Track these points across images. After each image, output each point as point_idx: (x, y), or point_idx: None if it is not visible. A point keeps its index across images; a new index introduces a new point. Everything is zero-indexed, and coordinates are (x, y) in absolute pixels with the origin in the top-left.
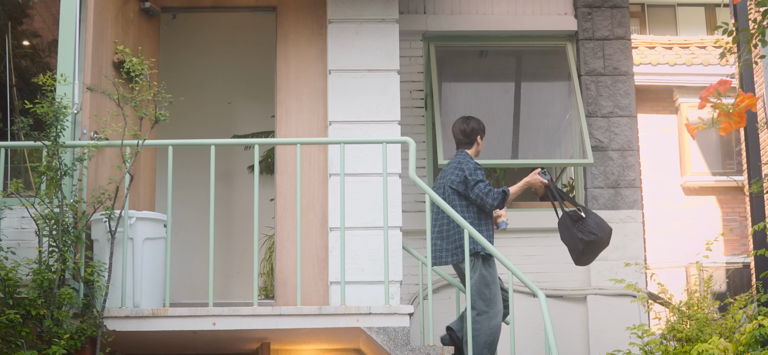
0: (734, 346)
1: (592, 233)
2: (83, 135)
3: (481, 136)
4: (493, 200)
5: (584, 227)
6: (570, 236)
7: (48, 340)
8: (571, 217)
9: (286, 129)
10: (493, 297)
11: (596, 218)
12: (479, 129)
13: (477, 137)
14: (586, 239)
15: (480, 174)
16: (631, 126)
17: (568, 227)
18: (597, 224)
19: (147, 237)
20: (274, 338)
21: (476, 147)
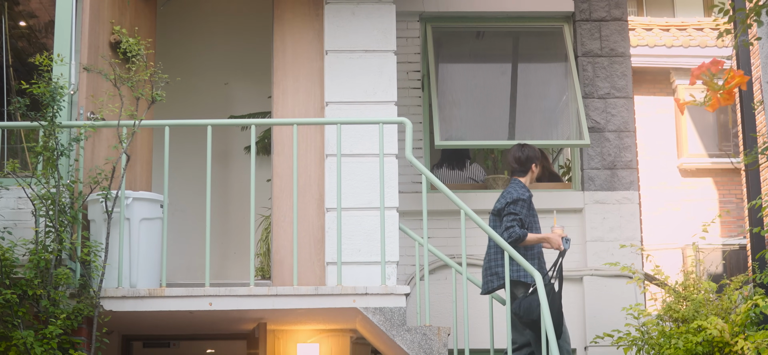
0: (730, 327)
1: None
2: (80, 115)
3: (535, 163)
4: (509, 235)
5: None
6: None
7: (44, 320)
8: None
9: (282, 110)
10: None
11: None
12: (534, 157)
13: (532, 165)
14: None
15: (515, 208)
16: (628, 107)
17: (557, 301)
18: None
19: (143, 217)
20: (271, 318)
21: (531, 175)
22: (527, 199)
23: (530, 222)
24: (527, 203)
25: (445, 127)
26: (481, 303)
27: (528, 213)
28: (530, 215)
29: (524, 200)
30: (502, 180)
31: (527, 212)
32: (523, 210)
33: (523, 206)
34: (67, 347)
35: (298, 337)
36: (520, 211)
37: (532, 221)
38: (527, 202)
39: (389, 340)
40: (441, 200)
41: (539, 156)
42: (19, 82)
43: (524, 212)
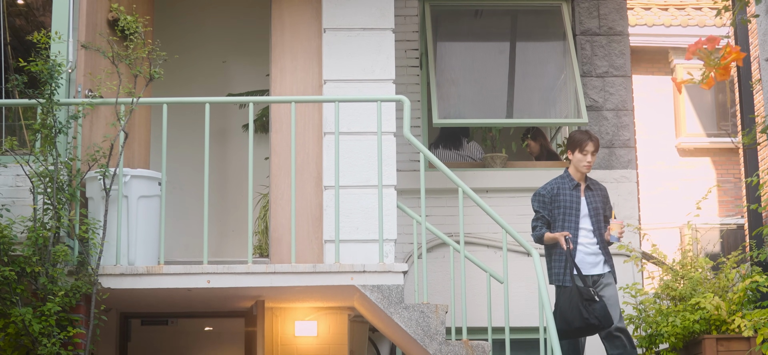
0: (727, 305)
1: (597, 318)
2: (78, 93)
3: (572, 149)
4: (532, 231)
5: (593, 310)
6: (571, 308)
7: (43, 297)
8: (582, 293)
9: (280, 88)
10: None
11: (604, 307)
12: (571, 143)
13: (568, 151)
14: (591, 321)
15: (534, 204)
16: (626, 86)
17: (575, 298)
18: (604, 314)
19: (142, 195)
20: (269, 295)
21: (571, 161)
22: (547, 193)
23: (555, 216)
24: (548, 198)
25: (444, 105)
26: (479, 281)
27: (550, 206)
28: (554, 207)
29: (542, 195)
30: (499, 158)
31: (550, 206)
32: (541, 208)
33: (540, 203)
34: (66, 324)
35: (296, 315)
36: (538, 208)
37: (557, 214)
38: (548, 196)
39: (387, 317)
40: (439, 178)
41: (577, 142)
42: (17, 59)
43: (539, 206)
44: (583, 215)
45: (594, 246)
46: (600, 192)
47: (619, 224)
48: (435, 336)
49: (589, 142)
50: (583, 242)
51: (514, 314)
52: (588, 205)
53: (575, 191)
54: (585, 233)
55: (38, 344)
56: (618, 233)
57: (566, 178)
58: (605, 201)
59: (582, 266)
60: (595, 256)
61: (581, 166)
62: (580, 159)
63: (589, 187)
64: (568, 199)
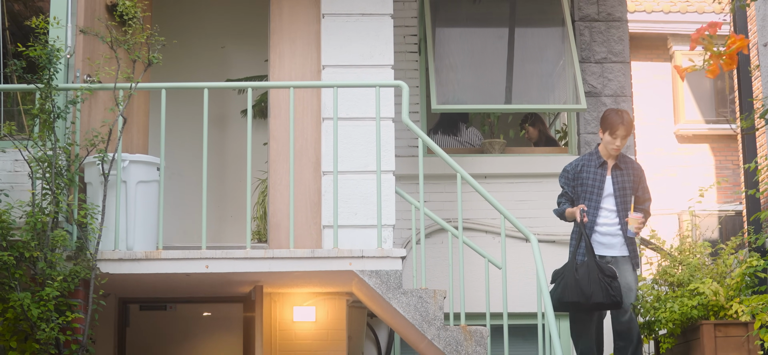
0: (725, 290)
1: (620, 296)
2: (76, 78)
3: (603, 129)
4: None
5: (616, 287)
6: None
7: (41, 282)
8: (603, 269)
9: (279, 73)
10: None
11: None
12: (603, 122)
13: (600, 129)
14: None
15: (561, 179)
16: (625, 72)
17: (595, 272)
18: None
19: (140, 180)
20: (267, 281)
21: (602, 140)
22: (572, 169)
23: (578, 194)
24: (571, 174)
25: (442, 91)
26: (478, 267)
27: (573, 183)
28: (578, 184)
29: (567, 171)
30: (498, 144)
31: (573, 183)
32: (565, 185)
33: (564, 179)
34: (64, 309)
35: (294, 300)
36: (562, 184)
37: (579, 192)
38: (572, 173)
39: (385, 303)
40: (438, 163)
41: (607, 122)
42: (15, 44)
43: (564, 182)
44: (607, 195)
45: (613, 227)
46: (632, 172)
47: (638, 219)
48: (433, 321)
49: (621, 126)
50: (602, 221)
51: (512, 300)
52: (614, 184)
53: (601, 170)
54: (606, 213)
55: (37, 328)
56: (635, 228)
57: (594, 155)
58: (637, 182)
59: (594, 247)
60: (612, 237)
61: (610, 149)
62: (609, 142)
63: (618, 166)
64: (591, 176)
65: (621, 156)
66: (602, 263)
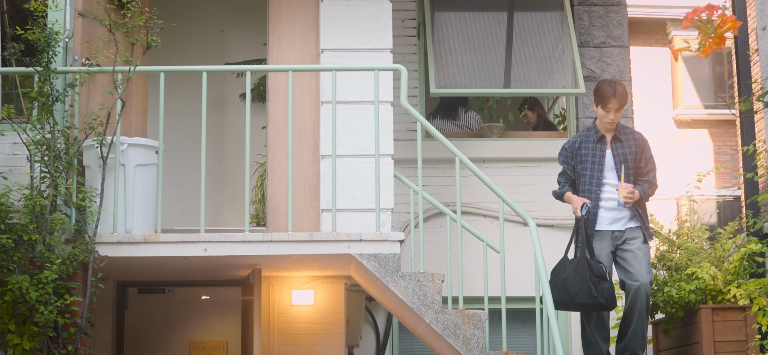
0: (723, 275)
1: (605, 298)
2: (75, 61)
3: (595, 103)
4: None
5: (603, 289)
6: (577, 281)
7: (40, 265)
8: (593, 269)
9: (278, 57)
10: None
11: (612, 288)
12: (596, 96)
13: (594, 104)
14: (599, 300)
15: (560, 158)
16: (624, 57)
17: (583, 272)
18: (611, 294)
19: (139, 163)
20: (265, 264)
21: (597, 115)
22: (569, 147)
23: (579, 171)
24: (569, 152)
25: (441, 75)
26: (476, 251)
27: (572, 161)
28: (577, 161)
29: (565, 150)
30: (497, 128)
31: (572, 161)
32: (564, 164)
33: (563, 158)
34: (63, 292)
35: (292, 283)
36: (561, 163)
37: (579, 169)
38: (570, 150)
39: (383, 286)
40: (436, 147)
41: (599, 95)
42: (13, 28)
43: (563, 161)
44: (609, 169)
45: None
46: (632, 142)
47: (627, 188)
48: (431, 305)
49: (612, 98)
50: (605, 196)
51: (510, 284)
52: (615, 157)
53: (600, 144)
54: (609, 188)
55: (35, 311)
56: (624, 197)
57: (591, 130)
58: (639, 153)
59: (600, 222)
60: (618, 211)
61: (604, 124)
62: (603, 115)
63: (617, 137)
64: (591, 153)
65: (620, 127)
66: (595, 264)
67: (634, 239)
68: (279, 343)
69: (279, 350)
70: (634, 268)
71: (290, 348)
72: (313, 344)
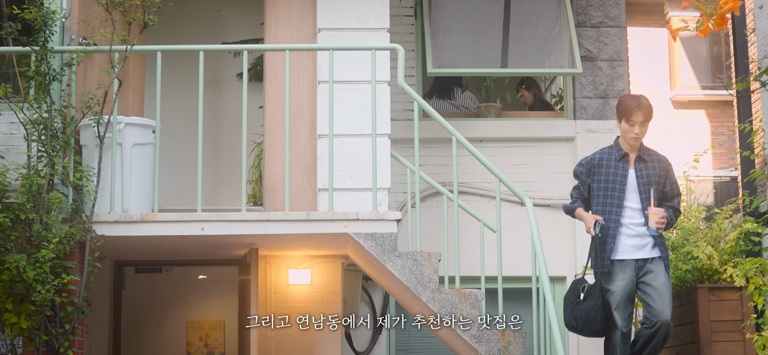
0: (719, 254)
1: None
2: (72, 40)
3: (619, 118)
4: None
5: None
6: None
7: (37, 244)
8: (576, 288)
9: (275, 36)
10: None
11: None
12: (618, 110)
13: (616, 120)
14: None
15: (575, 172)
16: (621, 36)
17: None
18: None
19: (136, 143)
20: (262, 243)
21: (620, 131)
22: (586, 163)
23: (595, 191)
24: (586, 168)
25: (438, 54)
26: (473, 231)
27: (588, 178)
28: (594, 180)
29: (581, 165)
30: (494, 108)
31: (587, 178)
32: (578, 178)
33: (577, 173)
34: (60, 271)
35: (289, 263)
36: (576, 177)
37: (596, 189)
38: (586, 166)
39: (380, 265)
40: (433, 127)
41: (622, 110)
42: (10, 7)
43: (577, 176)
44: (631, 191)
45: (641, 227)
46: (657, 164)
47: (659, 214)
48: (428, 284)
49: (637, 110)
50: (627, 221)
51: (507, 263)
52: (638, 178)
53: (622, 163)
54: (630, 212)
55: (32, 290)
56: (656, 223)
57: (613, 148)
58: (664, 176)
59: (622, 250)
60: (640, 238)
61: (628, 138)
62: (627, 130)
63: (641, 157)
64: (612, 171)
65: (644, 147)
66: (578, 280)
67: (657, 271)
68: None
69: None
70: (656, 304)
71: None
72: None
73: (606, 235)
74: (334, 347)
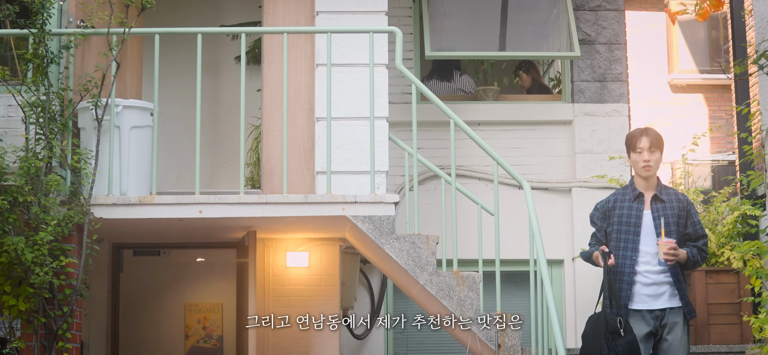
0: (717, 238)
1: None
2: (69, 23)
3: (627, 151)
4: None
5: (615, 346)
6: (595, 341)
7: (35, 226)
8: (608, 323)
9: (273, 19)
10: None
11: (632, 343)
12: (626, 144)
13: (626, 159)
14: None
15: (593, 216)
16: (619, 20)
17: (598, 329)
18: (629, 351)
19: (134, 125)
20: (260, 226)
21: (631, 165)
22: (601, 207)
23: (612, 235)
24: (601, 212)
25: (436, 37)
26: (470, 214)
27: (603, 223)
28: (610, 223)
29: (597, 209)
30: (491, 91)
31: (602, 223)
32: (597, 222)
33: (596, 218)
34: (58, 253)
35: (287, 245)
36: (593, 223)
37: (611, 232)
38: (601, 210)
39: (378, 248)
40: (431, 110)
41: (628, 142)
42: None
43: (593, 221)
44: (647, 233)
45: (657, 275)
46: (676, 204)
47: (668, 244)
48: (426, 267)
49: (642, 136)
50: (643, 268)
51: (504, 246)
52: (655, 219)
53: (636, 203)
54: (646, 256)
55: (31, 273)
56: (664, 254)
57: (628, 188)
58: (684, 216)
59: (637, 299)
60: (657, 286)
61: (639, 170)
62: (636, 160)
63: (658, 197)
64: (626, 213)
65: (662, 186)
66: (610, 315)
67: (674, 325)
68: (274, 305)
69: (274, 311)
70: None
71: (285, 310)
72: (308, 306)
73: (621, 281)
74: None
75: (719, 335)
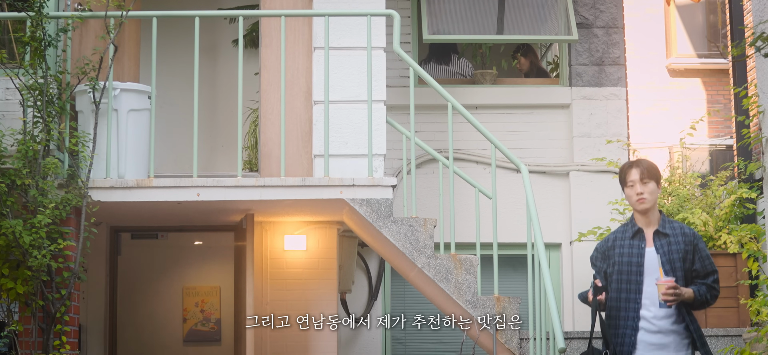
0: (714, 221)
1: None
2: (67, 6)
3: (621, 188)
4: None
5: None
6: None
7: (33, 209)
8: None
9: (270, 2)
10: None
11: None
12: (619, 179)
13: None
14: None
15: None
16: (617, 3)
17: None
18: None
19: (131, 108)
20: (258, 209)
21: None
22: (600, 247)
23: (610, 275)
24: (600, 252)
25: (434, 21)
26: (468, 197)
27: (603, 265)
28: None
29: (596, 250)
30: (489, 75)
31: (601, 264)
32: (597, 262)
33: (595, 258)
34: (56, 236)
35: (285, 229)
36: (593, 265)
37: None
38: (600, 250)
39: (376, 231)
40: (429, 94)
41: (621, 175)
42: None
43: (593, 263)
44: (650, 273)
45: (663, 320)
46: (681, 238)
47: (666, 284)
48: (423, 250)
49: (631, 169)
50: (647, 314)
51: (502, 230)
52: (659, 256)
53: (636, 241)
54: (653, 298)
55: (29, 255)
56: (663, 295)
57: (627, 225)
58: (691, 251)
59: (641, 348)
60: (663, 335)
61: (634, 204)
62: (630, 195)
63: (661, 232)
64: (626, 252)
65: (665, 220)
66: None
67: None
68: (272, 288)
69: (272, 295)
70: None
71: (283, 293)
72: (305, 290)
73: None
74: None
75: (716, 318)
